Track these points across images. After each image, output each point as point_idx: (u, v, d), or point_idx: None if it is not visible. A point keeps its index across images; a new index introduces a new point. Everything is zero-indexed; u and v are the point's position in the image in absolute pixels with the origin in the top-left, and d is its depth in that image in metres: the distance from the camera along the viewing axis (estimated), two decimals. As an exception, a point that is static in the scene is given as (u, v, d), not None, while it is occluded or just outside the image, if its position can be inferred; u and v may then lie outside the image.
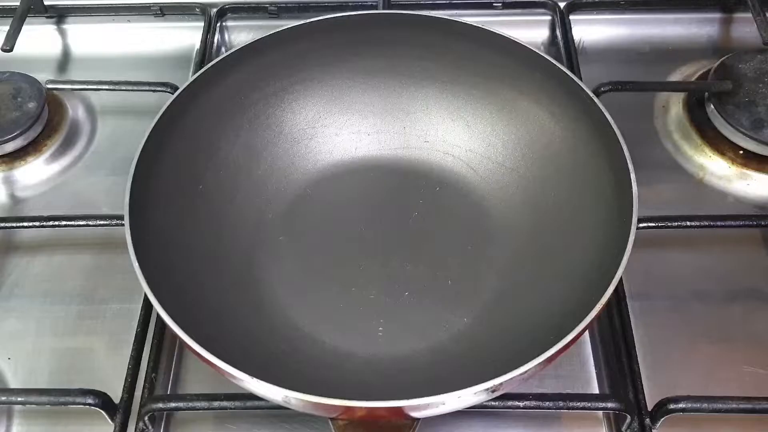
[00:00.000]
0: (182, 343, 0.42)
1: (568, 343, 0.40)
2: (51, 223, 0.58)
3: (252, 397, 0.47)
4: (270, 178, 0.60)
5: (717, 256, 0.58)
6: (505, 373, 0.39)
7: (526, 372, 0.39)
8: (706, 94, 0.66)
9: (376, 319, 0.53)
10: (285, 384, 0.39)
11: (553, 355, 0.40)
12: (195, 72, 0.60)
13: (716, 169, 0.64)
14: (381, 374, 0.50)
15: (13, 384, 0.53)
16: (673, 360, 0.53)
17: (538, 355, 0.40)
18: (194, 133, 0.55)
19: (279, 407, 0.44)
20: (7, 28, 0.71)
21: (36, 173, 0.66)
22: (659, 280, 0.57)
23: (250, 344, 0.50)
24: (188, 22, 0.76)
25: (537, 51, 0.55)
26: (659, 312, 0.55)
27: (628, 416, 0.47)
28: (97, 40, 0.77)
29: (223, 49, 0.76)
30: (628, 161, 0.48)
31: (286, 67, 0.59)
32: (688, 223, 0.56)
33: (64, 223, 0.58)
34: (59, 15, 0.77)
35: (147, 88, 0.67)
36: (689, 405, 0.47)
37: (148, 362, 0.51)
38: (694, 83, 0.69)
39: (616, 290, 0.45)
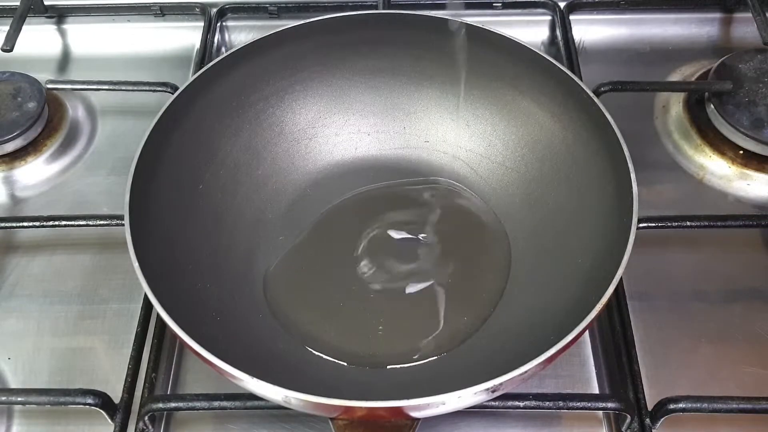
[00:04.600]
0: (182, 343, 0.42)
1: (568, 343, 0.41)
2: (51, 223, 0.58)
3: (252, 397, 0.47)
4: (270, 178, 0.60)
5: (717, 256, 0.58)
6: (505, 373, 0.39)
7: (526, 372, 0.39)
8: (706, 94, 0.66)
9: (376, 319, 0.53)
10: (285, 384, 0.39)
11: (553, 355, 0.40)
12: (195, 72, 0.60)
13: (716, 169, 0.64)
14: (381, 374, 0.50)
15: (13, 384, 0.53)
16: (673, 360, 0.53)
17: (538, 355, 0.40)
18: (194, 133, 0.55)
19: (279, 407, 0.44)
20: (7, 28, 0.71)
21: (36, 173, 0.66)
22: (659, 280, 0.57)
23: (250, 344, 0.50)
24: (188, 22, 0.76)
25: (537, 51, 0.55)
26: (659, 312, 0.55)
27: (628, 416, 0.48)
28: (97, 40, 0.77)
29: (223, 49, 0.76)
30: (628, 161, 0.48)
31: (286, 67, 0.60)
32: (688, 223, 0.56)
33: (64, 223, 0.58)
34: (59, 15, 0.77)
35: (147, 88, 0.67)
36: (689, 405, 0.47)
37: (148, 362, 0.51)
38: (694, 83, 0.69)
39: (616, 290, 0.45)
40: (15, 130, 0.64)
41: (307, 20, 0.58)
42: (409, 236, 0.58)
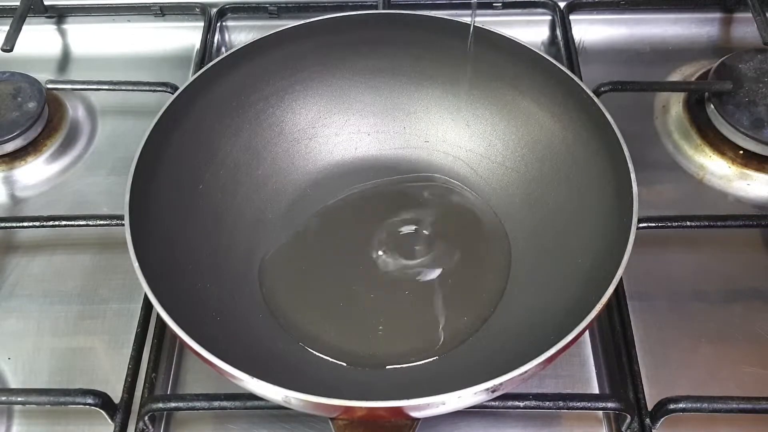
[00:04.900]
0: (182, 343, 0.42)
1: (568, 343, 0.41)
2: (51, 223, 0.58)
3: (252, 397, 0.47)
4: (270, 178, 0.60)
5: (717, 256, 0.58)
6: (505, 373, 0.39)
7: (526, 372, 0.39)
8: (706, 94, 0.66)
9: (376, 319, 0.53)
10: (285, 384, 0.39)
11: (553, 355, 0.40)
12: (195, 72, 0.60)
13: (716, 169, 0.64)
14: (381, 374, 0.50)
15: (13, 384, 0.53)
16: (673, 360, 0.53)
17: (538, 355, 0.40)
18: (194, 133, 0.55)
19: (279, 407, 0.44)
20: (7, 28, 0.71)
21: (36, 173, 0.66)
22: (659, 280, 0.57)
23: (250, 344, 0.50)
24: (188, 22, 0.76)
25: (537, 51, 0.55)
26: (659, 312, 0.55)
27: (628, 416, 0.48)
28: (97, 40, 0.77)
29: (223, 49, 0.76)
30: (628, 161, 0.48)
31: (286, 67, 0.60)
32: (688, 223, 0.56)
33: (64, 223, 0.58)
34: (59, 15, 0.77)
35: (147, 88, 0.67)
36: (689, 405, 0.47)
37: (148, 362, 0.51)
38: (694, 83, 0.69)
39: (616, 290, 0.45)
40: (15, 130, 0.64)
41: (307, 20, 0.58)
42: (409, 236, 0.58)
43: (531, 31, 0.76)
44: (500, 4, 0.75)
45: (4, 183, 0.65)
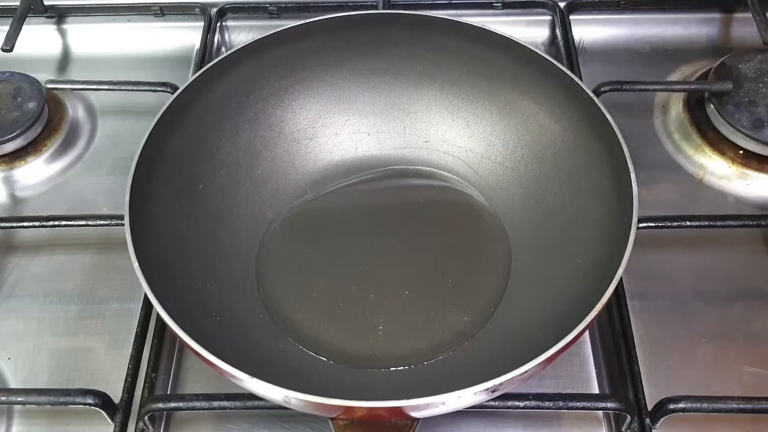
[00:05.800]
0: (182, 343, 0.42)
1: (568, 343, 0.41)
2: (51, 223, 0.58)
3: (252, 397, 0.47)
4: (270, 177, 0.60)
5: (717, 256, 0.58)
6: (505, 373, 0.39)
7: (526, 372, 0.39)
8: (706, 94, 0.66)
9: (376, 319, 0.53)
10: (285, 384, 0.39)
11: (553, 355, 0.40)
12: (195, 72, 0.60)
13: (716, 169, 0.64)
14: (381, 374, 0.50)
15: (13, 384, 0.53)
16: (673, 360, 0.53)
17: (538, 355, 0.40)
18: (194, 133, 0.55)
19: (279, 407, 0.44)
20: (7, 28, 0.71)
21: (36, 173, 0.66)
22: (659, 280, 0.57)
23: (250, 344, 0.50)
24: (188, 22, 0.76)
25: (537, 51, 0.55)
26: (659, 312, 0.55)
27: (628, 416, 0.48)
28: (97, 40, 0.77)
29: (223, 49, 0.76)
30: (628, 161, 0.48)
31: (287, 67, 0.60)
32: (688, 223, 0.56)
33: (64, 223, 0.58)
34: (59, 15, 0.77)
35: (147, 88, 0.67)
36: (689, 405, 0.47)
37: (148, 362, 0.51)
38: (694, 83, 0.69)
39: (616, 290, 0.45)
40: (15, 130, 0.64)
41: (307, 20, 0.58)
42: (409, 236, 0.58)
43: (531, 31, 0.76)
44: (500, 4, 0.75)
45: (4, 183, 0.65)
